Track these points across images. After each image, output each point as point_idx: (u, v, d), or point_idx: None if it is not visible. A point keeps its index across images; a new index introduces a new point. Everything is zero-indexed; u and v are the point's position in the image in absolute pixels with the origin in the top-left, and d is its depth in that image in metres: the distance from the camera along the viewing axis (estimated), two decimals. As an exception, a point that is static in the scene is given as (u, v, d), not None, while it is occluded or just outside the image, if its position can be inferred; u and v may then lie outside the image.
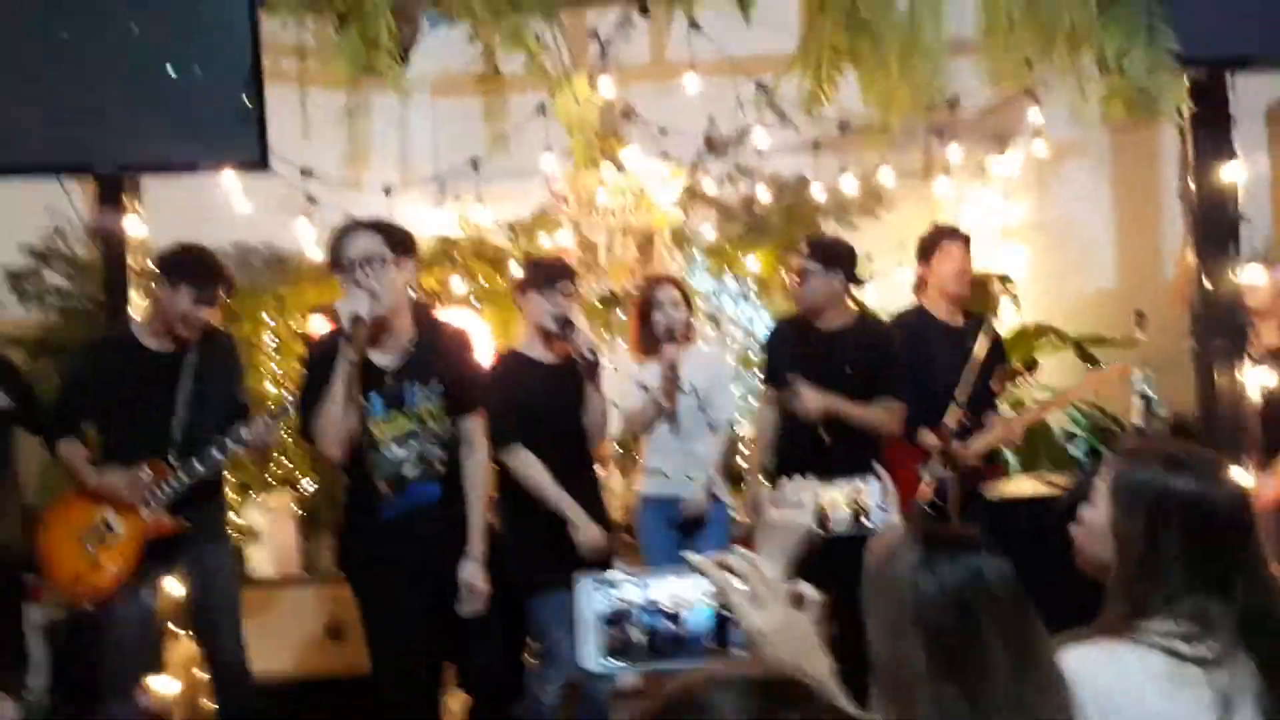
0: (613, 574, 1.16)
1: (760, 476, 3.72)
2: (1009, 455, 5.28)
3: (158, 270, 3.42)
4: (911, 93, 2.97)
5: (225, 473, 3.60)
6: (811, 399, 3.45)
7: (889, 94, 3.07)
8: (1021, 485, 3.96)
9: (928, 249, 3.96)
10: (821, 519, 1.49)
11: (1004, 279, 5.52)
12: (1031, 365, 4.01)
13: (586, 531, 3.23)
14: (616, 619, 1.15)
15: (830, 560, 1.52)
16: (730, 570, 1.18)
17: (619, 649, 1.14)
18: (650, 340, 3.60)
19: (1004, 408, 4.37)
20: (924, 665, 1.20)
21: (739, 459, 4.65)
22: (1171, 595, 1.48)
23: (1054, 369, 5.09)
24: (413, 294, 3.46)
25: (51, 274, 4.80)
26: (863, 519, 1.56)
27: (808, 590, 1.25)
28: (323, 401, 2.82)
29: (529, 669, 3.50)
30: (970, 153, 5.31)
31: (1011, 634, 1.23)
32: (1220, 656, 1.43)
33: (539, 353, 3.38)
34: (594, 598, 1.15)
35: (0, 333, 4.45)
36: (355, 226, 3.02)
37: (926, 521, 1.36)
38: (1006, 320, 5.40)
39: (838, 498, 1.54)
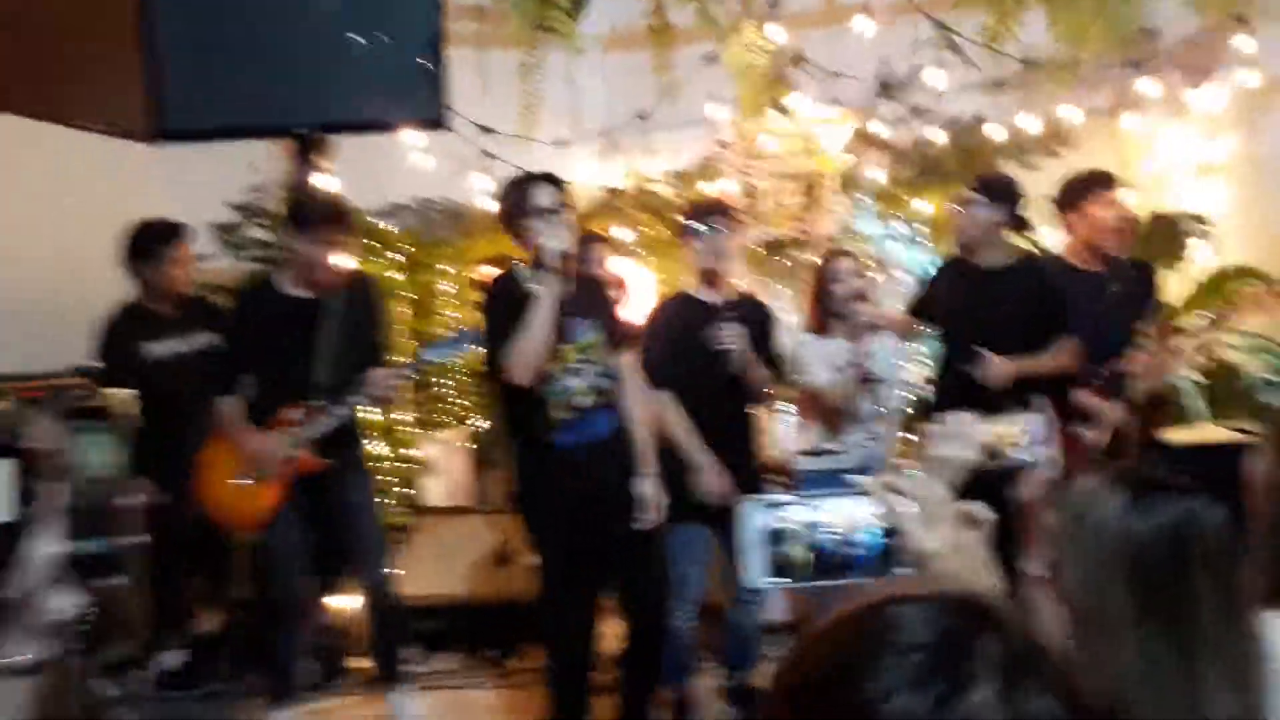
0: (779, 495, 1.18)
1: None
2: (1200, 404, 4.98)
3: (285, 220, 3.61)
4: (1105, 25, 2.78)
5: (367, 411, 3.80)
6: (998, 367, 3.38)
7: (1080, 27, 2.89)
8: (1206, 431, 3.74)
9: (1073, 197, 3.74)
10: (987, 452, 1.51)
11: (1199, 219, 5.17)
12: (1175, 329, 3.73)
13: (709, 479, 3.33)
14: (781, 538, 1.16)
15: (985, 493, 1.52)
16: (900, 492, 1.18)
17: (783, 567, 1.16)
18: (827, 313, 3.60)
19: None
20: (1131, 610, 1.16)
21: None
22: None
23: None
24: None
25: (252, 228, 5.15)
26: (1024, 453, 1.57)
27: (979, 509, 1.23)
28: (519, 333, 2.98)
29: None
30: (1168, 87, 4.95)
31: (1222, 581, 1.18)
32: None
33: (706, 294, 3.44)
34: (759, 517, 1.17)
35: (209, 281, 4.83)
36: (536, 177, 3.22)
37: (1132, 466, 1.31)
38: (1200, 261, 5.07)
39: (1003, 432, 1.56)
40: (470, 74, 3.74)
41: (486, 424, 5.33)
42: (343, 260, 3.56)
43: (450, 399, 5.24)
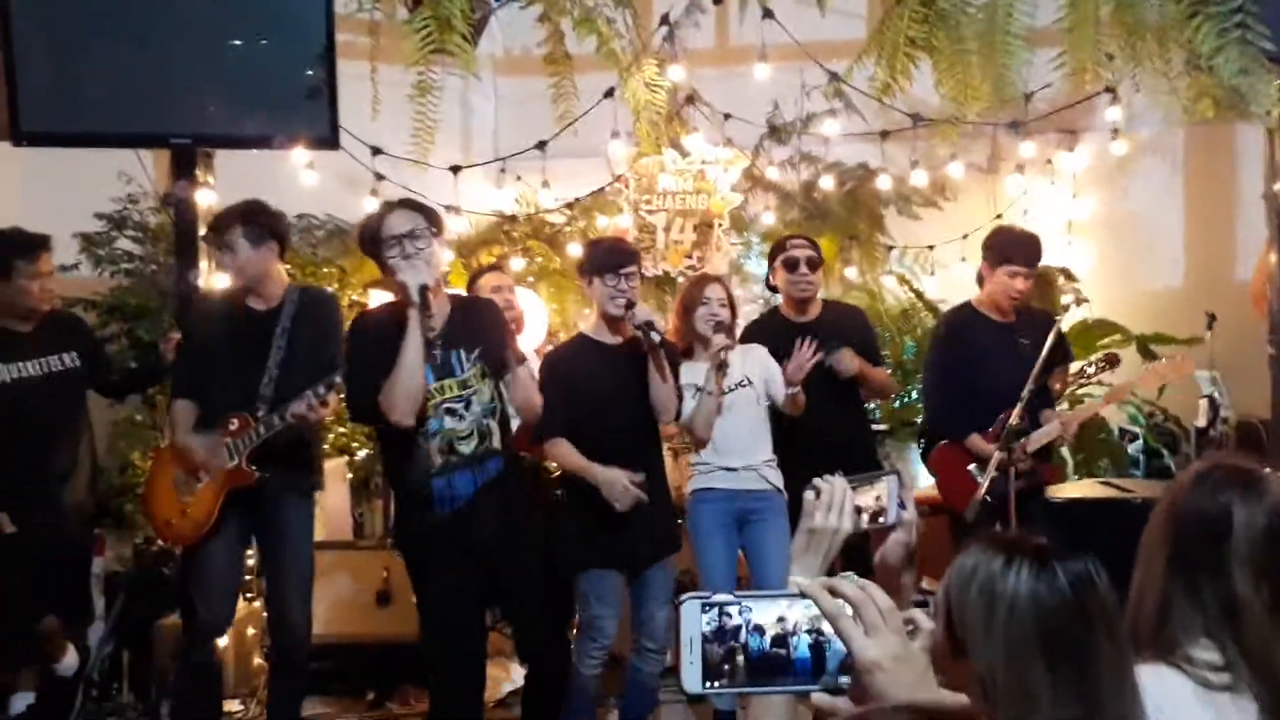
0: (718, 595, 1.14)
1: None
2: (1067, 454, 5.21)
3: (214, 230, 3.47)
4: (990, 86, 2.91)
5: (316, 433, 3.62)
6: (850, 356, 3.63)
7: (966, 86, 3.01)
8: (1085, 488, 3.90)
9: (997, 256, 3.77)
10: (857, 519, 1.52)
11: (1068, 274, 5.44)
12: (1114, 361, 3.91)
13: (612, 487, 3.19)
14: (718, 640, 1.13)
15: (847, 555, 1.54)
16: (840, 595, 1.16)
17: (720, 670, 1.13)
18: (692, 339, 3.56)
19: (1061, 406, 4.29)
20: (1047, 675, 1.20)
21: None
22: (1158, 595, 1.49)
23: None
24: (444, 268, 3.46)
25: (123, 239, 4.90)
26: (885, 516, 1.61)
27: (921, 618, 1.24)
28: (395, 373, 2.83)
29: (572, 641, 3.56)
30: (1041, 146, 5.21)
31: (1115, 636, 1.23)
32: (1237, 685, 1.43)
33: (605, 336, 3.38)
34: (697, 618, 1.13)
35: (72, 296, 4.56)
36: (396, 205, 3.05)
37: (1020, 537, 1.35)
38: (1070, 315, 5.33)
39: (869, 497, 1.58)
40: (362, 88, 3.64)
41: (366, 453, 5.18)
42: (268, 262, 3.40)
43: (332, 426, 5.07)
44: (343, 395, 3.13)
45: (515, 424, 3.24)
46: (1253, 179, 4.23)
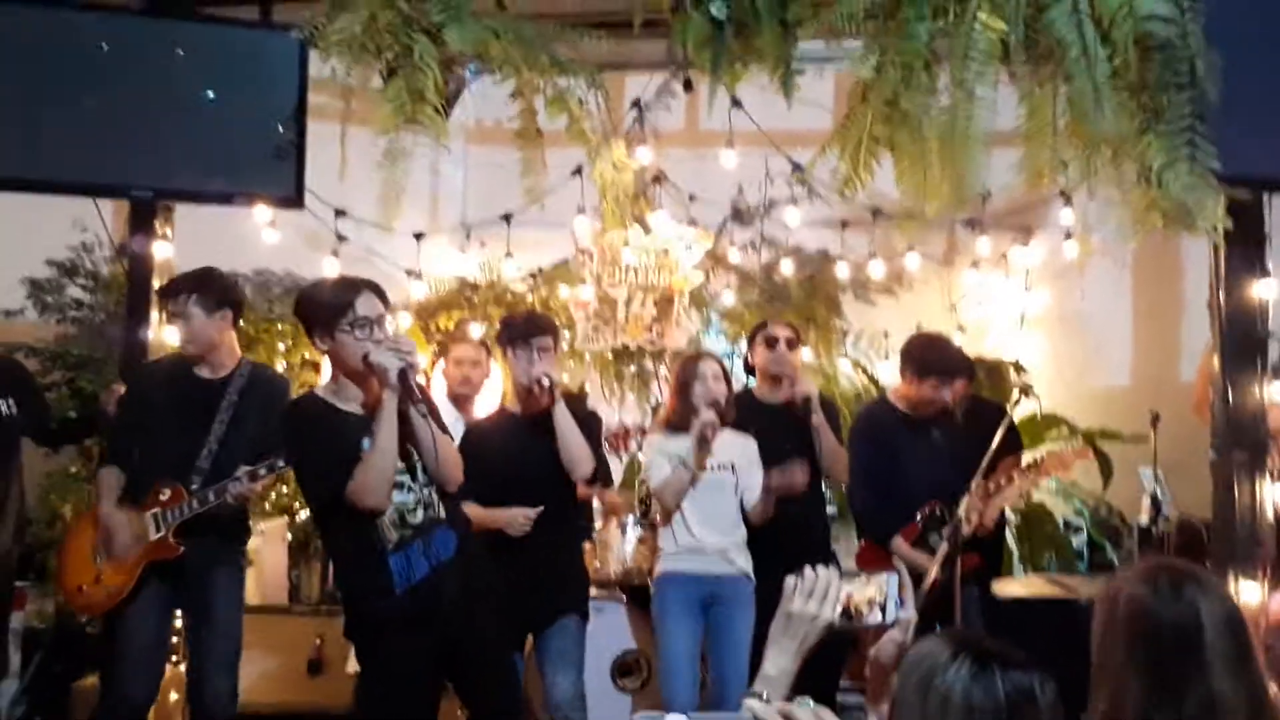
0: (671, 716, 1.12)
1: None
2: (1013, 545, 5.25)
3: (165, 296, 3.42)
4: (949, 187, 2.97)
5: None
6: (808, 383, 3.66)
7: (926, 184, 3.07)
8: (1030, 585, 3.91)
9: (917, 368, 3.73)
10: (848, 612, 1.53)
11: (1018, 367, 5.54)
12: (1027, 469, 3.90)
13: (511, 520, 3.26)
14: None
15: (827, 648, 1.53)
16: None
17: None
18: (687, 413, 3.56)
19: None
20: None
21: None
22: (1135, 706, 1.49)
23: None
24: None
25: (72, 287, 4.81)
26: (880, 614, 1.59)
27: None
28: (370, 459, 2.71)
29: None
30: (995, 240, 5.35)
31: None
32: None
33: (518, 407, 3.41)
34: None
35: (15, 341, 4.45)
36: (362, 286, 2.87)
37: (974, 635, 1.37)
38: (1019, 408, 5.40)
39: (862, 591, 1.58)
40: (328, 147, 3.63)
41: (306, 513, 5.07)
42: (223, 333, 3.35)
43: (274, 486, 4.95)
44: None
45: None
46: (1198, 284, 4.35)
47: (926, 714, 1.26)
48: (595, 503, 4.42)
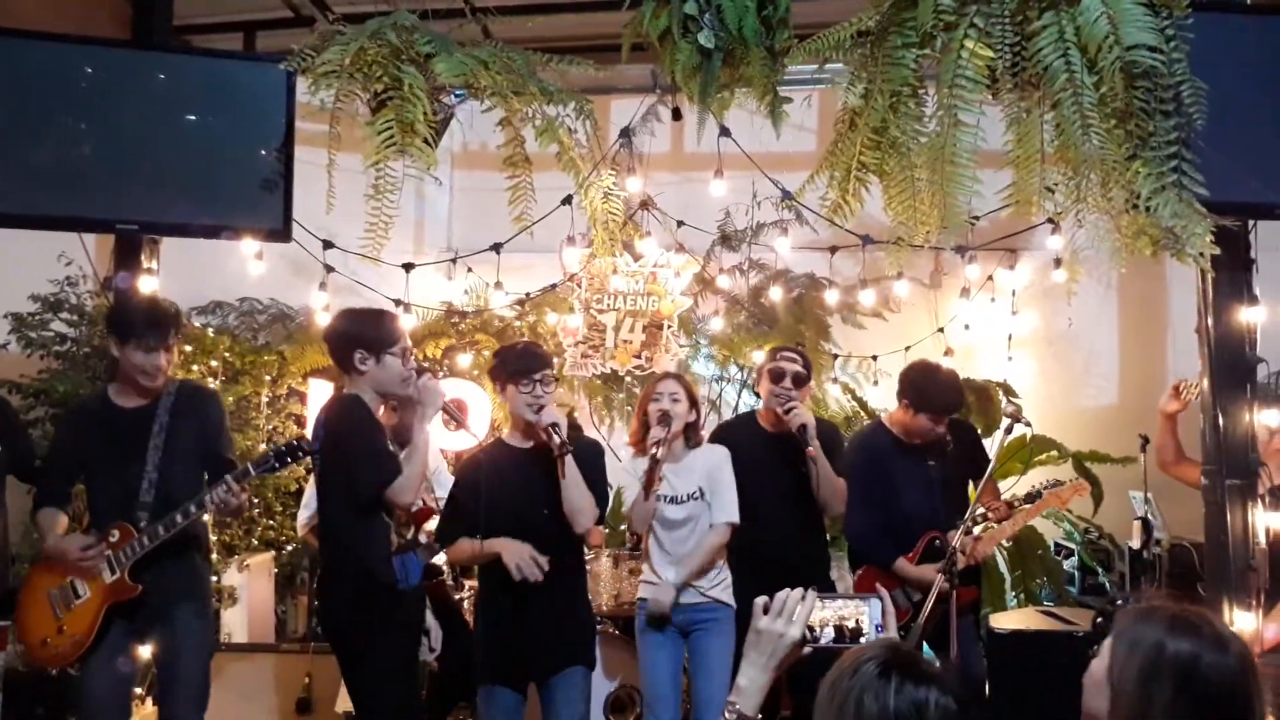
0: None
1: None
2: (1005, 571, 5.24)
3: (106, 328, 3.37)
4: (938, 214, 2.97)
5: (204, 534, 3.48)
6: (804, 410, 3.60)
7: (915, 211, 3.07)
8: (1026, 618, 3.88)
9: (915, 401, 3.74)
10: (811, 632, 1.63)
11: (1007, 389, 5.55)
12: (1006, 511, 3.88)
13: (519, 552, 3.16)
14: None
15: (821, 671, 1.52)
16: None
17: None
18: (644, 432, 3.53)
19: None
20: None
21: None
22: None
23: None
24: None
25: (57, 322, 4.75)
26: (859, 637, 1.65)
27: None
28: (412, 464, 3.13)
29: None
30: (983, 263, 5.36)
31: None
32: None
33: (519, 440, 3.35)
34: None
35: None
36: (397, 317, 3.35)
37: (893, 644, 1.42)
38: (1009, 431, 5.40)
39: (834, 614, 1.66)
40: (315, 175, 3.61)
41: (293, 546, 5.02)
42: (165, 364, 3.28)
43: (260, 520, 4.91)
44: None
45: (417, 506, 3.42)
46: (1184, 304, 4.37)
47: (824, 711, 1.36)
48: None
